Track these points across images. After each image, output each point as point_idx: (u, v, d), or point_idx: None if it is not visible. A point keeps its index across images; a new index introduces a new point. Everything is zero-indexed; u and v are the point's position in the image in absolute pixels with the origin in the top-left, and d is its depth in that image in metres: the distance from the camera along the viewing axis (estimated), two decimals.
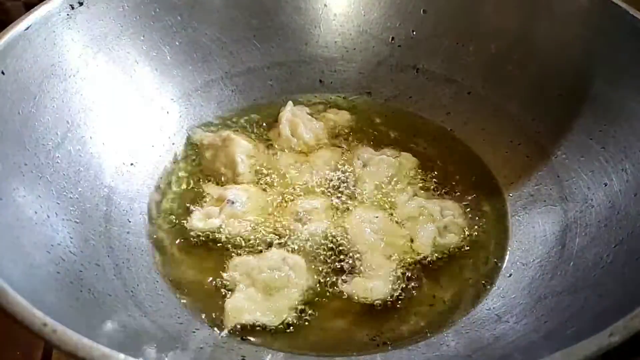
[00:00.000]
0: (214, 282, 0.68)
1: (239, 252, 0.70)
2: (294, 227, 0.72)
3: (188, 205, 0.75)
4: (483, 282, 0.69)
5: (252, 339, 0.63)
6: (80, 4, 0.71)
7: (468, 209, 0.76)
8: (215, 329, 0.63)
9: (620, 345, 0.44)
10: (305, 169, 0.79)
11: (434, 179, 0.80)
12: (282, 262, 0.67)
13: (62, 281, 0.57)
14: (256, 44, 0.89)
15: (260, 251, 0.70)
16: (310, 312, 0.65)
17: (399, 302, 0.66)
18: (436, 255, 0.70)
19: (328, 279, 0.68)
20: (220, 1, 0.85)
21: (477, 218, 0.75)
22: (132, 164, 0.77)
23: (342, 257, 0.70)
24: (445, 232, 0.73)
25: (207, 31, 0.85)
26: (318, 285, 0.67)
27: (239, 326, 0.63)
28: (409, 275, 0.69)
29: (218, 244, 0.71)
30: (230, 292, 0.66)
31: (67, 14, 0.70)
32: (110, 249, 0.67)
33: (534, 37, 0.79)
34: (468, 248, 0.72)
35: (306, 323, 0.64)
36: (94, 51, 0.74)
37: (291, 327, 0.64)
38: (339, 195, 0.77)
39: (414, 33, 0.88)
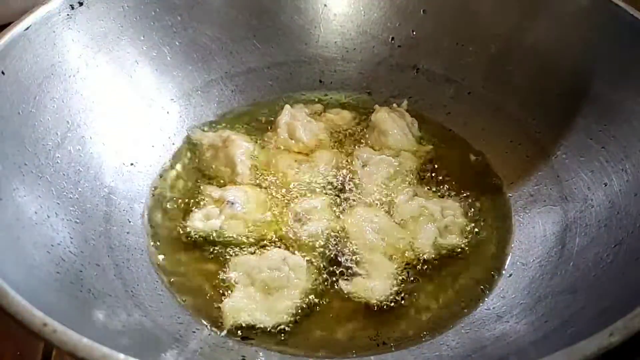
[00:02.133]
0: (214, 282, 0.67)
1: (238, 252, 0.70)
2: (294, 227, 0.72)
3: (188, 205, 0.75)
4: (483, 282, 0.69)
5: (252, 339, 0.63)
6: (80, 4, 0.71)
7: (468, 209, 0.76)
8: (215, 329, 0.63)
9: (620, 345, 0.44)
10: (305, 169, 0.79)
11: (434, 179, 0.80)
12: (282, 262, 0.67)
13: (62, 281, 0.57)
14: (256, 44, 0.89)
15: (260, 251, 0.70)
16: (310, 312, 0.65)
17: (399, 302, 0.66)
18: (436, 255, 0.70)
19: (328, 278, 0.68)
20: (220, 1, 0.85)
21: (477, 218, 0.75)
22: (132, 164, 0.77)
23: (342, 257, 0.70)
24: (445, 232, 0.73)
25: (207, 31, 0.85)
26: (318, 285, 0.67)
27: (239, 326, 0.63)
28: (409, 275, 0.69)
29: (218, 245, 0.71)
30: (230, 292, 0.66)
31: (67, 14, 0.70)
32: (110, 249, 0.67)
33: (534, 37, 0.79)
34: (468, 248, 0.72)
35: (306, 323, 0.64)
36: (94, 51, 0.74)
37: (291, 328, 0.64)
38: (339, 195, 0.77)
39: (414, 33, 0.88)
